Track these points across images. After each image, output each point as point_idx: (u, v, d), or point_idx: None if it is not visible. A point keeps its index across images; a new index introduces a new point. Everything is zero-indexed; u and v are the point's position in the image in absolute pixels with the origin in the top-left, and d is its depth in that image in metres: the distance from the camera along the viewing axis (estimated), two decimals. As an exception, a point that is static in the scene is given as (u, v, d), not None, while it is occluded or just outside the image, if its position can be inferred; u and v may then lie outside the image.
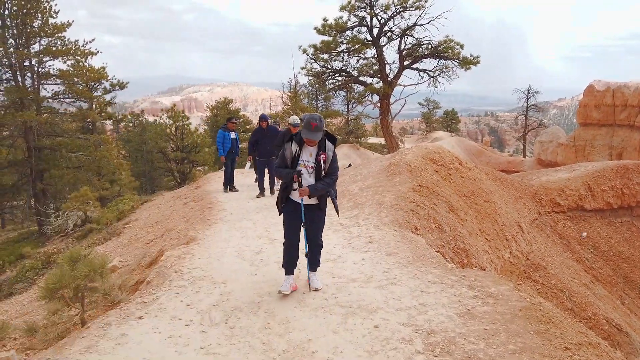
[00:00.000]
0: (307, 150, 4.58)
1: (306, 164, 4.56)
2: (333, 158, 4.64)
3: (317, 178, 4.57)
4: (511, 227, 11.32)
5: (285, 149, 4.61)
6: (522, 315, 4.19)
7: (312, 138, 4.41)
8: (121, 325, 4.21)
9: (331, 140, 4.67)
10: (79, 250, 4.73)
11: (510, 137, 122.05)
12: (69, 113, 22.75)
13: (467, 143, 50.09)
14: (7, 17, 19.12)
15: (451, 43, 20.90)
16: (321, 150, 4.55)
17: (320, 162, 4.54)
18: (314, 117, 4.38)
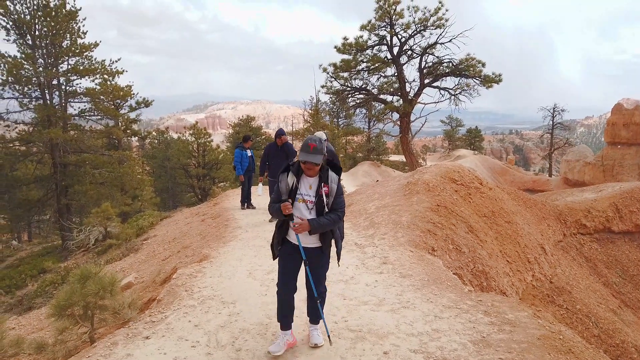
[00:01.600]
0: (306, 181, 3.83)
1: (305, 198, 3.80)
2: (338, 191, 3.87)
3: (318, 215, 3.80)
4: (534, 248, 10.97)
5: (280, 181, 3.86)
6: (540, 344, 3.99)
7: (311, 161, 3.64)
8: (127, 345, 4.17)
9: (335, 170, 3.92)
10: (90, 267, 4.74)
11: (535, 155, 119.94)
12: (95, 130, 23.30)
13: (491, 161, 49.38)
14: (37, 37, 19.82)
15: (473, 61, 20.78)
16: (323, 182, 3.79)
17: (322, 196, 3.78)
18: (313, 138, 3.68)
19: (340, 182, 3.92)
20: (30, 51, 19.73)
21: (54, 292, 11.10)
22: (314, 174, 3.81)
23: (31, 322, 9.11)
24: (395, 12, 20.61)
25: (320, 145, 3.68)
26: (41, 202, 22.66)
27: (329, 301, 5.08)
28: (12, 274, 15.52)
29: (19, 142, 20.93)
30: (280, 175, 3.86)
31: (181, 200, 35.68)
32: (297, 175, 3.82)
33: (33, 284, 13.21)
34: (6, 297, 13.08)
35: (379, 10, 20.74)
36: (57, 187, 20.88)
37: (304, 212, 3.79)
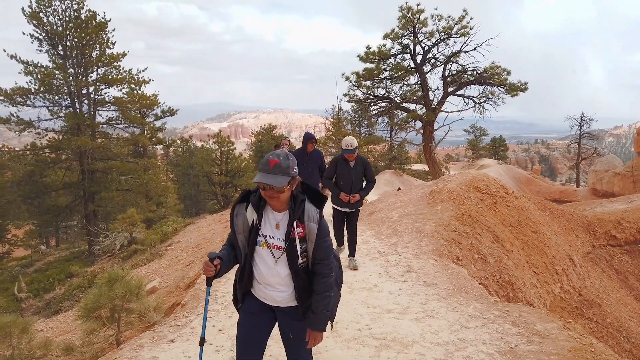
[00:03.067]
0: (271, 217, 2.60)
1: (270, 242, 2.57)
2: (321, 233, 2.57)
3: (291, 267, 2.57)
4: (562, 260, 10.70)
5: (235, 215, 2.62)
6: (570, 356, 3.87)
7: (270, 183, 2.40)
8: (153, 348, 4.21)
9: (316, 202, 2.62)
10: (117, 271, 4.82)
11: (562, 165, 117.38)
12: (122, 138, 23.82)
13: (515, 171, 48.48)
14: (68, 48, 20.44)
15: (497, 69, 20.52)
16: (297, 220, 2.54)
17: (295, 240, 2.54)
18: (277, 153, 2.50)
19: (323, 219, 2.59)
20: (61, 61, 20.36)
21: (80, 295, 11.33)
22: (280, 206, 2.54)
23: (59, 324, 9.30)
24: (419, 20, 20.56)
25: (287, 163, 2.45)
26: (69, 208, 23.23)
27: (353, 308, 5.05)
28: (41, 278, 15.89)
29: (49, 150, 21.52)
30: (237, 206, 2.62)
31: (204, 208, 36.13)
32: (259, 208, 2.58)
33: (60, 288, 13.51)
34: (35, 300, 13.39)
35: (402, 19, 20.72)
36: (85, 193, 21.37)
37: (268, 262, 2.57)
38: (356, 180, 6.23)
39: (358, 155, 6.24)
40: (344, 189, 6.26)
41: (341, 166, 6.23)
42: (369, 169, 6.35)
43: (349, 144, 6.05)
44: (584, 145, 48.55)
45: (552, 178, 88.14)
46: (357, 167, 6.23)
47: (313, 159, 8.38)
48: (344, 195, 6.19)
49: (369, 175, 6.35)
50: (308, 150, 8.38)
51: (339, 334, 4.44)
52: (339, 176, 6.29)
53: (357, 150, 6.17)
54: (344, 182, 6.26)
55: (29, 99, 19.91)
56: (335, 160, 6.38)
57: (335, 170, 6.29)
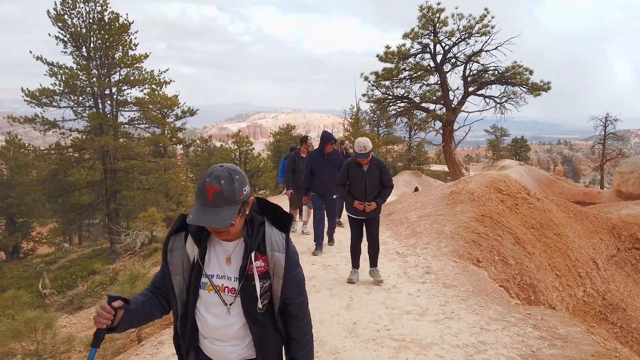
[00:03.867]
0: (219, 250, 1.90)
1: (218, 284, 1.88)
2: (291, 264, 1.91)
3: (248, 314, 1.87)
4: (585, 263, 10.47)
5: (169, 251, 1.90)
6: (595, 361, 3.78)
7: (209, 225, 1.72)
8: (173, 345, 4.26)
9: (280, 223, 1.95)
10: (139, 269, 4.89)
11: (585, 166, 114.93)
12: (143, 138, 24.19)
13: (537, 172, 47.64)
14: (92, 49, 20.87)
15: (519, 69, 20.22)
16: (256, 251, 1.87)
17: (253, 278, 1.85)
18: (216, 174, 1.73)
19: (290, 246, 1.90)
20: (85, 62, 20.80)
21: (102, 292, 11.55)
22: (231, 237, 1.84)
23: (81, 320, 9.49)
24: (439, 20, 20.40)
25: (232, 187, 1.71)
26: (92, 207, 23.70)
27: (371, 309, 5.03)
28: (64, 275, 16.26)
29: (72, 149, 21.98)
30: (172, 238, 1.89)
31: (223, 207, 36.37)
32: (201, 239, 1.86)
33: (83, 285, 13.80)
34: (58, 296, 13.71)
35: (422, 18, 20.58)
36: (107, 192, 21.77)
37: (217, 310, 1.87)
38: (371, 185, 5.60)
39: (373, 157, 5.60)
40: (358, 196, 5.64)
41: (354, 171, 5.63)
42: (386, 173, 5.67)
43: (362, 146, 5.41)
44: (608, 146, 47.45)
45: (575, 179, 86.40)
46: (372, 171, 5.58)
47: (332, 162, 7.32)
48: (358, 204, 5.59)
49: (386, 179, 5.68)
50: (326, 152, 7.30)
51: (357, 334, 4.43)
52: (352, 182, 5.69)
53: (371, 153, 5.53)
54: (357, 189, 5.65)
55: (54, 99, 20.38)
56: (347, 165, 5.74)
57: (347, 175, 5.69)
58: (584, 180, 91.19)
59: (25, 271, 21.50)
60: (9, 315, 9.89)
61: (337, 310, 5.04)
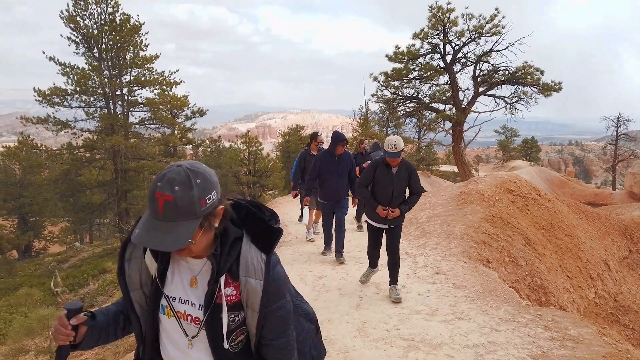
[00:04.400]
0: (183, 267, 1.51)
1: (181, 310, 1.49)
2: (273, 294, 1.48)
3: (215, 351, 1.47)
4: (597, 264, 10.38)
5: (126, 261, 1.53)
6: (606, 363, 3.76)
7: (156, 248, 1.32)
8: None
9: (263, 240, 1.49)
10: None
11: (597, 167, 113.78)
12: (153, 138, 24.39)
13: (548, 173, 47.26)
14: (103, 50, 21.09)
15: (530, 69, 20.07)
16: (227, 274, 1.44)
17: (221, 307, 1.44)
18: (170, 177, 1.29)
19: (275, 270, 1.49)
20: (96, 63, 21.02)
21: (114, 291, 11.66)
22: (196, 253, 1.45)
23: (93, 318, 9.58)
24: (449, 20, 20.32)
25: (190, 195, 1.30)
26: (103, 206, 23.96)
27: (381, 309, 5.03)
28: (76, 274, 16.44)
29: (84, 149, 22.23)
30: (130, 246, 1.53)
31: (232, 207, 36.55)
32: (156, 256, 1.51)
33: (94, 283, 13.94)
34: (70, 294, 13.86)
35: (432, 18, 20.52)
36: (118, 191, 21.98)
37: (178, 341, 1.51)
38: (398, 190, 5.09)
39: (403, 159, 5.09)
40: (382, 201, 5.11)
41: (381, 172, 5.08)
42: (415, 178, 5.16)
43: (393, 145, 4.86)
44: (620, 146, 46.95)
45: (586, 180, 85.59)
46: (401, 174, 5.07)
47: (342, 164, 6.81)
48: (382, 209, 5.08)
49: (415, 185, 5.18)
50: (337, 153, 6.77)
51: (367, 334, 4.44)
52: (377, 184, 5.14)
53: (402, 153, 4.98)
54: (382, 192, 5.11)
55: (66, 99, 20.63)
56: (374, 164, 5.16)
57: (373, 176, 5.14)
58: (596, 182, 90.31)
59: (37, 269, 21.78)
60: (21, 312, 10.04)
61: (346, 309, 5.05)
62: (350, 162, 6.90)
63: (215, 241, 1.45)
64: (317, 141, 8.50)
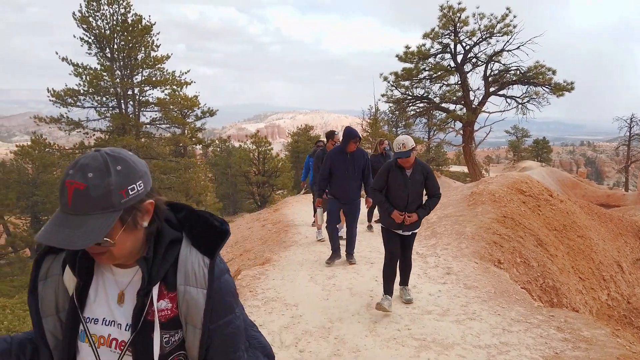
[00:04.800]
0: (108, 280, 1.21)
1: (100, 333, 1.18)
2: (219, 306, 1.19)
3: None
4: (610, 266, 10.27)
5: (40, 280, 1.22)
6: (620, 365, 3.72)
7: (60, 245, 1.03)
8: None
9: (206, 241, 1.22)
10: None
11: (610, 168, 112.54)
12: (164, 138, 24.56)
13: (559, 174, 46.83)
14: (115, 50, 21.29)
15: (542, 69, 19.92)
16: (162, 283, 1.17)
17: (153, 326, 1.15)
18: (83, 162, 1.07)
19: (222, 280, 1.22)
20: (108, 63, 21.23)
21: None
22: (122, 259, 1.16)
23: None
24: (460, 19, 20.23)
25: (103, 184, 1.05)
26: (115, 205, 24.15)
27: (392, 308, 5.03)
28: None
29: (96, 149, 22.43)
30: (45, 262, 1.24)
31: (241, 207, 36.73)
32: (81, 264, 1.19)
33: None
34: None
35: (442, 18, 20.44)
36: (129, 191, 22.13)
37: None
38: (414, 193, 4.81)
39: (417, 160, 4.87)
40: (398, 205, 4.82)
41: (394, 175, 4.82)
42: (432, 179, 4.89)
43: (401, 144, 4.59)
44: (633, 147, 46.39)
45: (598, 182, 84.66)
46: (415, 176, 4.80)
47: (355, 163, 6.38)
48: (397, 214, 4.78)
49: (432, 187, 4.90)
50: (349, 151, 6.34)
51: (378, 333, 4.44)
52: (391, 188, 4.87)
53: (413, 153, 4.68)
54: (397, 197, 4.83)
55: (79, 100, 20.84)
56: (387, 168, 4.90)
57: (386, 180, 4.88)
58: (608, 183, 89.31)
59: (50, 267, 22.03)
60: (35, 309, 10.16)
61: (357, 309, 5.06)
62: (364, 160, 6.46)
63: (146, 244, 1.18)
64: (334, 140, 8.00)
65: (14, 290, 16.26)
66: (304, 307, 5.09)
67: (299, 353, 4.05)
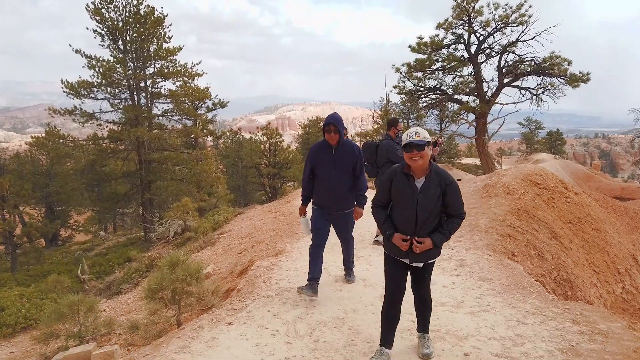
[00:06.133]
0: None
1: None
2: None
3: None
4: (625, 259, 10.16)
5: None
6: (636, 357, 3.69)
7: None
8: (212, 329, 4.39)
9: None
10: (178, 256, 5.05)
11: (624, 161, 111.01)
12: (175, 129, 24.67)
13: (573, 166, 46.26)
14: (128, 42, 21.36)
15: (557, 59, 19.62)
16: None
17: None
18: None
19: None
20: (121, 55, 21.31)
21: (139, 279, 11.92)
22: None
23: (120, 305, 9.83)
24: (474, 9, 19.97)
25: None
26: (127, 196, 24.40)
27: (405, 299, 5.02)
28: (102, 262, 16.84)
29: (109, 140, 22.62)
30: None
31: (252, 198, 36.87)
32: None
33: (120, 271, 14.25)
34: (96, 282, 14.22)
35: (456, 8, 20.20)
36: (142, 182, 22.33)
37: None
38: (426, 212, 3.40)
39: (434, 167, 3.44)
40: (404, 228, 3.47)
41: (399, 185, 3.47)
42: (454, 193, 3.42)
43: (414, 132, 3.33)
44: (649, 139, 45.65)
45: (612, 174, 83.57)
46: (430, 189, 3.38)
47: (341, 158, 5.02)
48: (399, 238, 3.45)
49: (453, 204, 3.45)
50: (332, 144, 4.98)
51: (392, 324, 4.45)
52: (395, 203, 3.55)
53: (429, 149, 3.33)
54: (402, 216, 3.48)
55: (92, 91, 20.98)
56: (390, 174, 3.55)
57: (389, 192, 3.56)
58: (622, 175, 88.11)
59: (65, 257, 22.39)
60: (51, 298, 10.35)
61: (370, 300, 5.07)
62: (354, 156, 5.02)
63: None
64: (397, 128, 6.97)
65: (30, 280, 16.54)
66: (318, 298, 5.12)
67: (313, 343, 4.09)
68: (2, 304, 9.62)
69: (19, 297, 10.19)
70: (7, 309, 9.42)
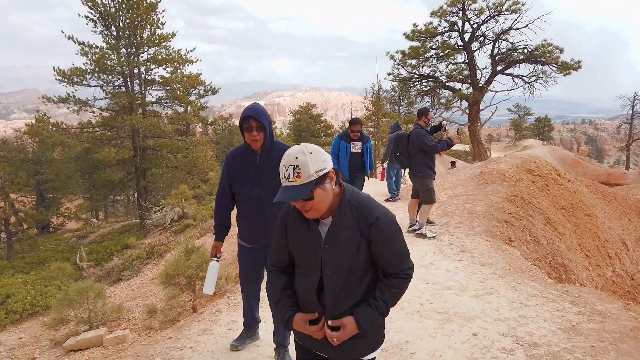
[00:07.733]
0: None
1: None
2: None
3: None
4: (615, 243, 10.54)
5: None
6: (633, 335, 3.97)
7: None
8: (230, 313, 4.58)
9: None
10: (193, 243, 5.21)
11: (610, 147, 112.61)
12: (169, 116, 24.55)
13: (560, 152, 46.97)
14: (121, 28, 21.10)
15: (550, 47, 19.86)
16: None
17: None
18: None
19: None
20: (114, 42, 21.07)
21: (140, 266, 12.06)
22: None
23: (124, 291, 9.98)
24: (468, -3, 20.08)
25: None
26: (122, 184, 24.35)
27: (412, 284, 5.23)
28: (99, 249, 16.93)
29: (103, 127, 22.47)
30: None
31: (246, 185, 36.89)
32: None
33: (119, 258, 14.36)
34: (95, 269, 14.32)
35: (450, -5, 20.29)
36: (137, 169, 22.27)
37: None
38: (337, 272, 1.89)
39: (346, 199, 1.88)
40: (306, 303, 1.98)
41: (294, 230, 1.97)
42: (385, 236, 1.87)
43: (288, 174, 1.76)
44: (635, 126, 46.42)
45: (599, 160, 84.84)
46: (340, 233, 1.87)
47: (268, 166, 3.28)
48: (302, 323, 1.96)
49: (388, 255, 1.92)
50: (254, 148, 3.25)
51: (401, 307, 4.68)
52: (297, 262, 2.04)
53: (328, 183, 1.82)
54: (301, 283, 1.99)
55: (85, 79, 20.77)
56: (283, 215, 2.03)
57: (286, 242, 2.02)
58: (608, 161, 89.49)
59: (58, 245, 22.40)
60: (55, 285, 10.47)
61: (379, 284, 5.28)
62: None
63: None
64: (428, 118, 6.66)
65: (28, 267, 16.58)
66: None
67: (329, 325, 4.28)
68: (8, 291, 9.72)
69: (23, 285, 10.30)
70: (12, 296, 9.53)
